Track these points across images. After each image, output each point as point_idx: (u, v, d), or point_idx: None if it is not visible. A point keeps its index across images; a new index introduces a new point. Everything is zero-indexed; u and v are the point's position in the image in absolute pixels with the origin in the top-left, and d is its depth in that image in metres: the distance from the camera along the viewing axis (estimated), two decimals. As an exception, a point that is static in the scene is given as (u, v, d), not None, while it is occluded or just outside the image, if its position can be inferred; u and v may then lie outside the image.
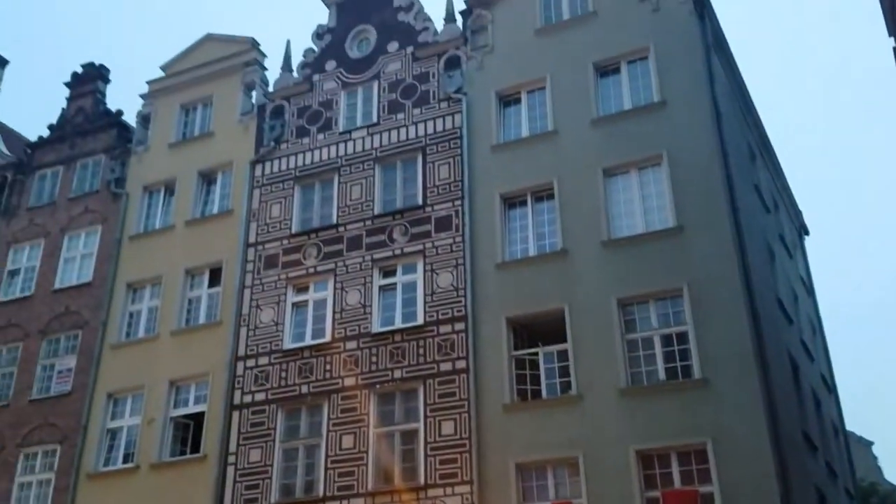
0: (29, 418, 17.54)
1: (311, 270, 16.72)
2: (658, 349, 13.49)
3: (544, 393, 14.06)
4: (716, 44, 16.00)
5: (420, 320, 15.34)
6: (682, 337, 13.42)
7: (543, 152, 15.75)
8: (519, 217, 15.68)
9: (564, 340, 14.12)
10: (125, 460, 16.58)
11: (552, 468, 13.39)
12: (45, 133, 21.30)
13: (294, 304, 16.66)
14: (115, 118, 20.75)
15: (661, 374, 13.33)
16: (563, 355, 14.12)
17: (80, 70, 21.69)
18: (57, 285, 19.06)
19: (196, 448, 16.21)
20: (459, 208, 15.94)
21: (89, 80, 21.49)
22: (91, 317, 18.22)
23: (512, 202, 15.78)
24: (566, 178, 15.30)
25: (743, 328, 12.98)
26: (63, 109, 21.43)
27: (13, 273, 19.75)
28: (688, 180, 14.35)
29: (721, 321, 13.14)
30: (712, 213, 13.96)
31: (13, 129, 23.41)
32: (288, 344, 16.23)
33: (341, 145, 17.69)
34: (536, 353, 14.41)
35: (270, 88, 19.17)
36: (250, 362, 16.34)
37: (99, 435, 16.92)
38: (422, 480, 14.03)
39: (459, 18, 17.88)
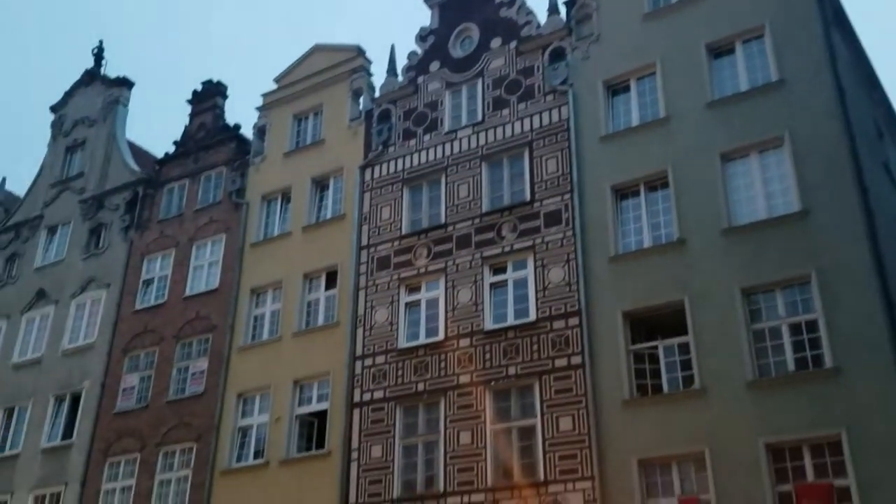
0: (166, 418, 18.62)
1: (423, 270, 16.96)
2: (786, 339, 12.90)
3: (665, 387, 13.71)
4: (835, 18, 15.17)
5: (532, 316, 15.27)
6: (812, 325, 12.79)
7: (655, 140, 15.36)
8: (632, 208, 15.35)
9: (685, 333, 13.72)
10: (255, 457, 17.33)
11: (677, 463, 13.03)
12: (171, 149, 22.57)
13: (407, 304, 16.94)
14: (234, 131, 21.75)
15: (791, 365, 12.74)
16: (684, 348, 13.72)
17: (199, 88, 22.85)
18: (187, 292, 20.13)
19: (321, 444, 16.75)
20: (569, 202, 15.77)
21: (208, 96, 22.62)
22: (219, 321, 19.16)
23: (624, 193, 15.47)
24: (681, 165, 14.88)
25: (876, 314, 12.27)
26: (186, 126, 22.65)
27: (147, 282, 21.02)
28: (812, 162, 13.66)
29: (852, 307, 12.45)
30: (839, 194, 13.24)
31: (141, 146, 24.89)
32: (403, 343, 16.52)
33: (447, 145, 17.86)
34: (656, 347, 14.07)
35: (377, 93, 19.60)
36: (368, 361, 16.73)
37: (231, 433, 17.77)
38: (541, 476, 13.97)
39: (563, 9, 17.69)
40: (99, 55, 25.72)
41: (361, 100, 19.91)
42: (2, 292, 23.17)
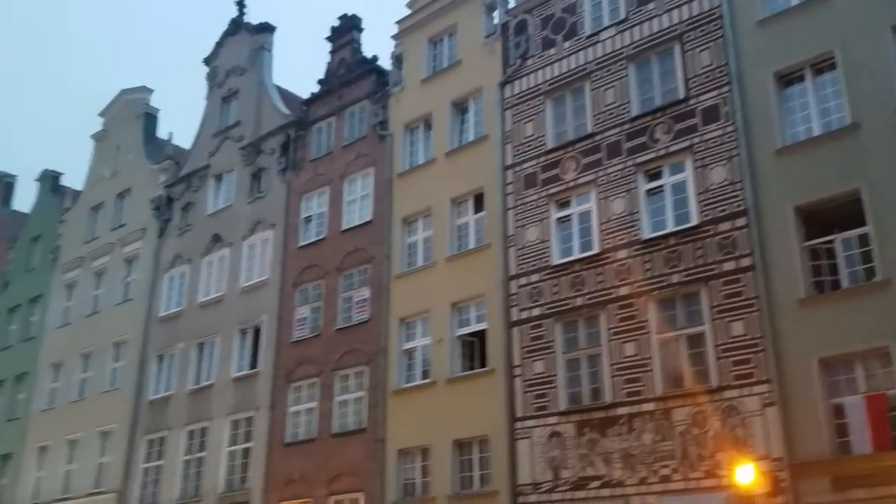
0: (338, 345, 19.66)
1: (572, 184, 16.58)
2: None
3: (845, 282, 12.79)
4: None
5: (695, 221, 14.61)
6: None
7: (819, 19, 13.99)
8: (797, 95, 14.18)
9: (863, 224, 12.68)
10: (423, 377, 18.00)
11: (860, 360, 12.31)
12: (316, 89, 23.14)
13: (558, 220, 16.70)
14: (372, 63, 21.93)
15: None
16: (863, 240, 12.71)
17: (337, 24, 23.13)
18: (344, 226, 20.89)
19: (483, 363, 17.09)
20: (727, 95, 14.76)
21: (346, 31, 22.86)
22: (376, 251, 19.79)
23: (787, 79, 14.27)
24: (850, 43, 13.53)
25: None
26: (327, 63, 23.09)
27: (307, 220, 22.00)
28: None
29: None
30: None
31: (288, 90, 25.70)
32: (556, 259, 16.36)
33: (589, 50, 17.12)
34: (832, 241, 13.08)
35: (511, 4, 19.00)
36: (522, 280, 16.73)
37: (397, 355, 18.52)
38: (714, 382, 13.56)
39: None
40: (241, 3, 26.57)
41: (496, 14, 19.41)
42: (181, 239, 25.09)
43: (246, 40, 25.67)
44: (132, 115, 29.12)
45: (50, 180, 32.21)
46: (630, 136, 15.92)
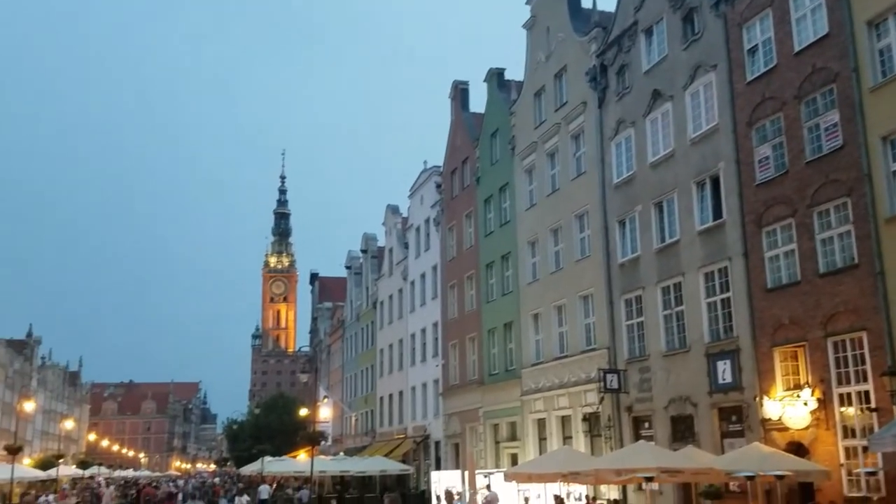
0: (810, 180, 17.92)
1: None
2: None
3: None
4: None
5: None
6: None
7: None
8: None
9: None
10: (924, 198, 15.48)
11: None
12: None
13: None
14: None
15: None
16: None
17: None
18: (796, 47, 18.65)
19: None
20: None
21: None
22: (840, 67, 17.31)
23: None
24: None
25: None
26: None
27: (751, 51, 20.14)
28: None
29: None
30: None
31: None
32: None
33: None
34: None
35: None
36: None
37: (885, 179, 16.20)
38: None
39: None
40: None
41: None
42: (621, 104, 25.25)
43: None
44: (555, -6, 29.81)
45: (496, 78, 35.14)
46: None
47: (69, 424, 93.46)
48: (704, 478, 18.16)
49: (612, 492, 23.83)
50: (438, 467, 37.47)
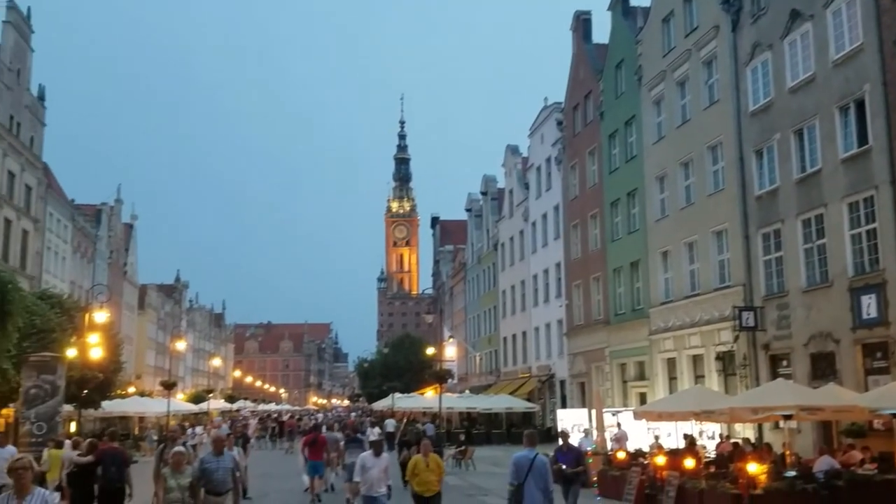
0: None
1: None
2: None
3: None
4: None
5: None
6: None
7: None
8: None
9: None
10: None
11: None
12: None
13: None
14: None
15: None
16: None
17: None
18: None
19: None
20: None
21: None
22: None
23: None
24: None
25: None
26: None
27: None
28: None
29: None
30: None
31: None
32: None
33: None
34: None
35: None
36: None
37: None
38: None
39: None
40: None
41: None
42: (756, 26, 23.78)
43: None
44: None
45: (620, 5, 33.70)
46: None
47: (216, 362, 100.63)
48: (846, 416, 17.45)
49: (747, 431, 23.32)
50: (564, 406, 37.80)
